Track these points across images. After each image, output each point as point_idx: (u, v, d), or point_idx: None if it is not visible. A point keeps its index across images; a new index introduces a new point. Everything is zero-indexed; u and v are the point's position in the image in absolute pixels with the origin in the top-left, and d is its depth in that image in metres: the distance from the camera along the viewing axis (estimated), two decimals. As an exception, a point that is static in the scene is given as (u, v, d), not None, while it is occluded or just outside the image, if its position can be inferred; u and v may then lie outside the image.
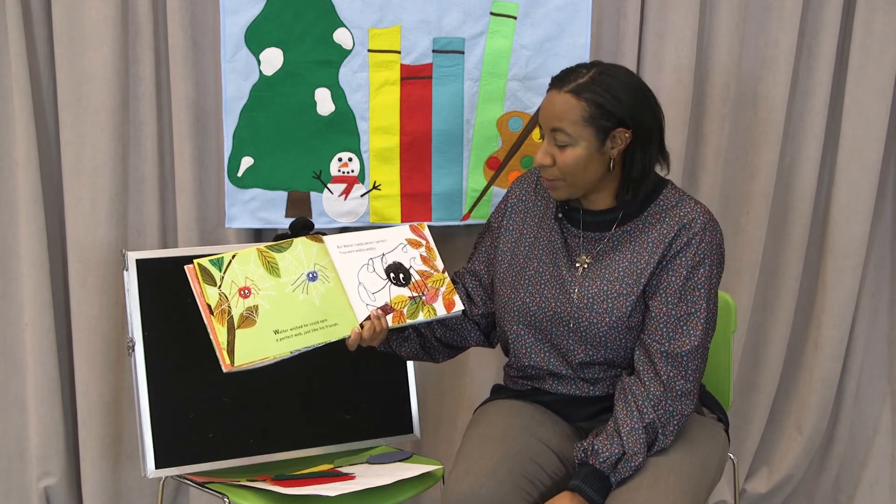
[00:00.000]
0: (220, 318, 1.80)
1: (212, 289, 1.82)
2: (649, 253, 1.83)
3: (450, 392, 2.61)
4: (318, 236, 1.94)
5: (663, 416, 1.78)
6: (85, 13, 2.29)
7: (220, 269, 1.84)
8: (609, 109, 1.75)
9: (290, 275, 1.88)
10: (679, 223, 1.82)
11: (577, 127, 1.75)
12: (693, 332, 1.80)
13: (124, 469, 2.52)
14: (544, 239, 1.94)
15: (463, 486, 1.74)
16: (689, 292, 1.81)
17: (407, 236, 1.99)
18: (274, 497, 1.90)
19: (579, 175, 1.80)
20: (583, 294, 1.85)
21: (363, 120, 2.35)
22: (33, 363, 2.42)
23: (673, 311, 1.81)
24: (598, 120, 1.75)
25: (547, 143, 1.80)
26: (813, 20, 2.51)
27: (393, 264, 1.95)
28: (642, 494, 1.69)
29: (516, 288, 1.92)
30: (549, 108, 1.78)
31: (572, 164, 1.78)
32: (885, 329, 2.78)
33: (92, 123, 2.33)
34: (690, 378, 1.80)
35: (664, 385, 1.78)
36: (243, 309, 1.82)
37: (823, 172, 2.63)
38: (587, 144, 1.77)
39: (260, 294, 1.85)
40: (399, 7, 2.31)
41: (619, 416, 1.79)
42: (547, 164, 1.80)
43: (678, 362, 1.79)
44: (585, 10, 2.36)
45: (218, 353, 1.78)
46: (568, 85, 1.76)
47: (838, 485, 2.84)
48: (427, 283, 1.95)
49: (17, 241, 2.40)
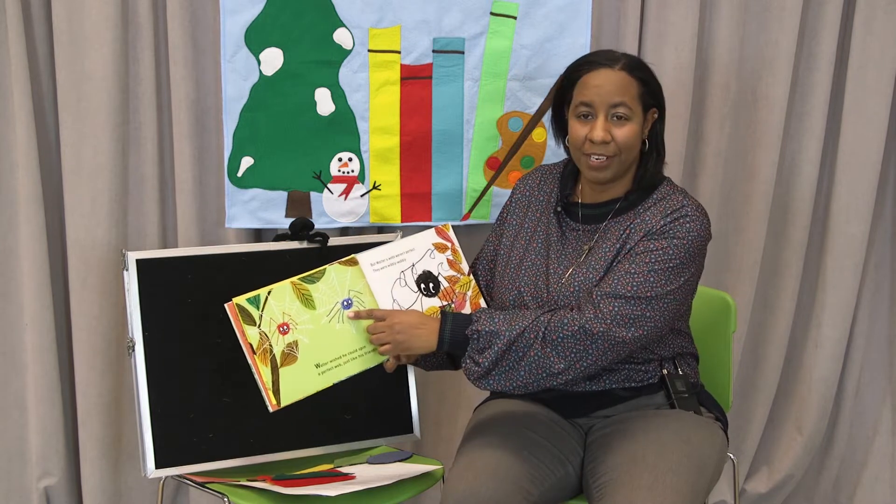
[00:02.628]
0: (262, 357, 1.84)
1: (252, 329, 1.85)
2: (630, 239, 1.84)
3: (450, 392, 2.61)
4: (351, 259, 1.94)
5: (559, 328, 1.76)
6: (85, 13, 2.29)
7: (258, 307, 1.86)
8: (654, 89, 1.87)
9: (324, 305, 1.91)
10: (665, 211, 1.84)
11: (635, 102, 1.84)
12: (634, 287, 1.77)
13: (124, 469, 2.52)
14: (542, 232, 1.96)
15: (463, 485, 1.74)
16: (642, 255, 1.80)
17: (433, 241, 2.00)
18: (274, 497, 1.90)
19: (633, 151, 1.86)
20: (568, 283, 1.86)
21: (363, 120, 2.36)
22: (33, 363, 2.42)
23: (619, 267, 1.81)
24: (645, 97, 1.85)
25: (604, 121, 1.83)
26: (813, 20, 2.51)
27: (423, 274, 1.96)
28: (640, 495, 1.68)
29: (514, 279, 1.94)
30: (606, 84, 1.83)
31: (632, 138, 1.84)
32: (885, 329, 2.78)
33: (92, 123, 2.33)
34: (604, 318, 1.76)
35: (578, 310, 1.78)
36: (284, 346, 1.86)
37: (823, 172, 2.63)
38: (638, 121, 1.85)
39: (298, 328, 1.88)
40: (399, 7, 2.31)
41: (522, 311, 1.83)
42: (605, 140, 1.83)
43: (595, 301, 1.77)
44: (585, 10, 2.36)
45: (264, 393, 1.84)
46: (618, 63, 1.84)
47: (838, 485, 2.84)
48: (455, 288, 1.97)
49: (17, 241, 2.40)
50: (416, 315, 1.88)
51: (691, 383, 1.95)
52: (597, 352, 1.77)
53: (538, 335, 1.77)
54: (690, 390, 1.94)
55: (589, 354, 1.77)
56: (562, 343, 1.77)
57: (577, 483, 1.89)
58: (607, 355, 1.79)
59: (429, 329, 1.85)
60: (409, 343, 1.85)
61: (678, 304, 1.84)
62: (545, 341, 1.77)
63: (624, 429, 1.86)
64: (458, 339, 1.82)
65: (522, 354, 1.78)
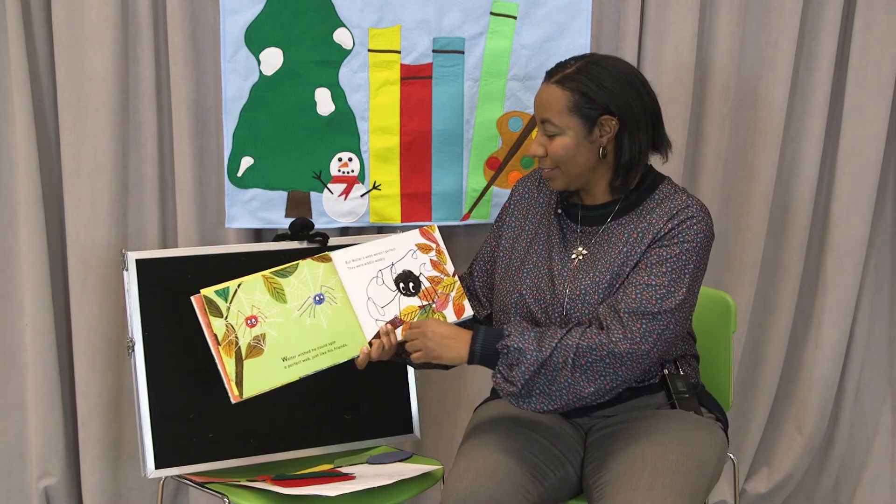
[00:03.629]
0: (227, 349, 1.83)
1: (218, 320, 1.84)
2: (638, 243, 1.83)
3: (450, 392, 2.61)
4: (325, 255, 1.94)
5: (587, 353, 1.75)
6: (85, 13, 2.29)
7: (226, 299, 1.85)
8: (592, 97, 1.80)
9: (296, 300, 1.89)
10: (669, 212, 1.83)
11: (563, 116, 1.81)
12: (658, 301, 1.77)
13: (124, 469, 2.52)
14: (543, 234, 1.95)
15: (463, 485, 1.74)
16: (658, 265, 1.79)
17: (417, 241, 1.99)
18: (274, 497, 1.90)
19: (570, 163, 1.84)
20: (575, 286, 1.85)
21: (363, 120, 2.36)
22: (33, 363, 2.42)
23: (635, 278, 1.80)
24: (582, 108, 1.80)
25: (539, 135, 1.86)
26: (813, 20, 2.51)
27: (403, 273, 1.95)
28: (640, 495, 1.68)
29: (515, 281, 1.93)
30: (538, 100, 1.86)
31: (561, 152, 1.83)
32: (885, 329, 2.79)
33: (92, 123, 2.33)
34: (632, 338, 1.76)
35: (605, 330, 1.77)
36: (251, 338, 1.84)
37: (823, 172, 2.63)
38: (574, 133, 1.81)
39: (267, 322, 1.86)
40: (399, 7, 2.31)
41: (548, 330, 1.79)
42: (539, 155, 1.86)
43: (621, 319, 1.76)
44: (585, 10, 2.36)
45: (227, 384, 1.82)
46: (554, 76, 1.83)
47: (838, 485, 2.84)
48: (437, 289, 1.96)
49: (17, 242, 2.40)
50: (448, 326, 1.87)
51: (692, 383, 1.95)
52: (626, 372, 1.78)
53: (567, 361, 1.75)
54: (691, 390, 1.94)
55: (618, 375, 1.77)
56: (591, 367, 1.76)
57: (578, 483, 1.89)
58: (635, 372, 1.79)
59: (460, 340, 1.83)
60: (440, 352, 1.83)
61: (693, 307, 1.85)
62: (574, 367, 1.76)
63: (624, 429, 1.86)
64: (489, 352, 1.81)
65: (553, 378, 1.76)
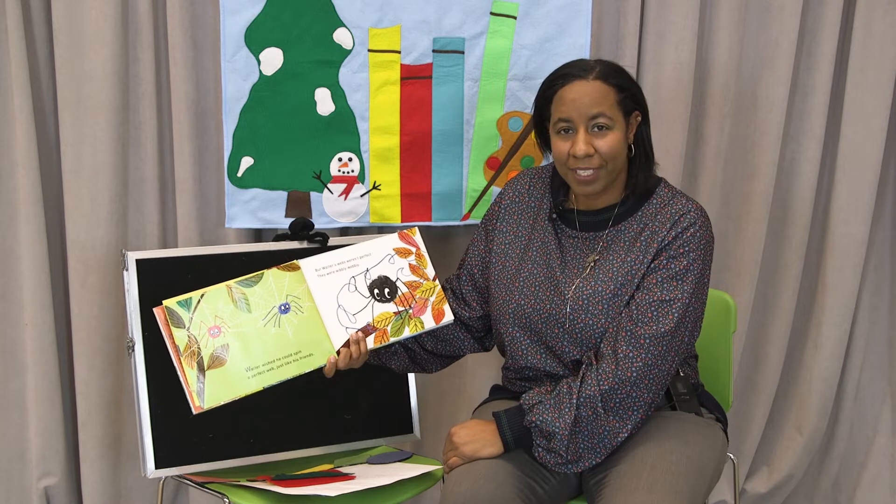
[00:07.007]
0: (188, 360, 1.81)
1: (180, 331, 1.82)
2: (643, 252, 1.83)
3: (450, 392, 2.61)
4: (292, 264, 1.92)
5: (612, 395, 1.76)
6: (85, 13, 2.29)
7: (189, 309, 1.84)
8: (633, 92, 1.84)
9: (261, 309, 1.88)
10: (671, 219, 1.83)
11: (614, 110, 1.81)
12: (664, 319, 1.78)
13: (124, 469, 2.52)
14: (538, 240, 1.93)
15: (462, 486, 1.74)
16: (668, 281, 1.80)
17: (395, 245, 1.96)
18: (274, 497, 1.90)
19: (618, 160, 1.83)
20: (577, 295, 1.84)
21: (363, 120, 2.36)
22: (33, 363, 2.42)
23: (647, 296, 1.80)
24: (625, 103, 1.82)
25: (584, 134, 1.80)
26: (813, 20, 2.51)
27: (378, 279, 1.92)
28: (639, 496, 1.68)
29: (511, 290, 1.91)
30: (583, 96, 1.80)
31: (616, 147, 1.81)
32: (885, 329, 2.78)
33: (92, 123, 2.33)
34: (651, 363, 1.77)
35: (618, 363, 1.77)
36: (213, 349, 1.83)
37: (823, 172, 2.63)
38: (620, 127, 1.82)
39: (230, 332, 1.85)
40: (399, 7, 2.31)
41: (562, 388, 1.78)
42: (588, 154, 1.80)
43: (639, 344, 1.77)
44: (585, 10, 2.36)
45: (188, 395, 1.80)
46: (592, 73, 1.81)
47: (838, 485, 2.84)
48: (415, 294, 1.93)
49: (17, 242, 2.40)
50: (471, 425, 1.85)
51: (692, 384, 1.95)
52: (652, 396, 1.79)
53: (597, 411, 1.76)
54: (691, 391, 1.93)
55: (647, 403, 1.79)
56: (622, 405, 1.77)
57: (577, 484, 1.89)
58: (661, 392, 1.82)
59: (490, 432, 1.82)
60: (479, 452, 1.81)
61: (702, 314, 1.87)
62: (606, 412, 1.76)
63: (624, 430, 1.86)
64: (520, 434, 1.80)
65: (591, 432, 1.77)
